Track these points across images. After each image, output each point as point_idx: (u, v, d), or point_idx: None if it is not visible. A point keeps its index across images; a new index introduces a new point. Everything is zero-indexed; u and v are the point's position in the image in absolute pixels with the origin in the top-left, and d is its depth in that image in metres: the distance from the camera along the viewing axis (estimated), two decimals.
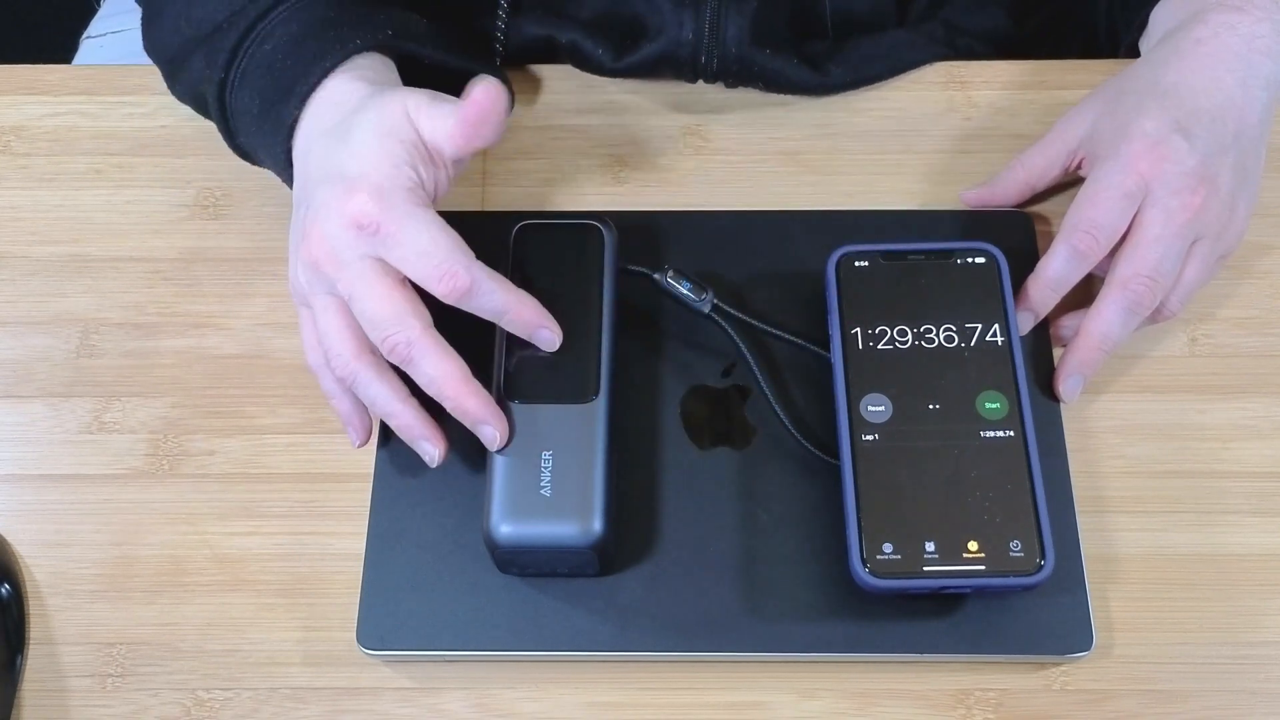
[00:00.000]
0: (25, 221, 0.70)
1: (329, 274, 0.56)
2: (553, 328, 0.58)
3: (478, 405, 0.56)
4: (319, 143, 0.59)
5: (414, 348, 0.55)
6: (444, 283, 0.55)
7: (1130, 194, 0.60)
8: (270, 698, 0.58)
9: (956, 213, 0.67)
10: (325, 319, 0.57)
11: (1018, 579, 0.54)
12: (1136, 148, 0.60)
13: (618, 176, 0.70)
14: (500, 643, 0.57)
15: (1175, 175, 0.60)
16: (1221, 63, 0.62)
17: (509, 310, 0.57)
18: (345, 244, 0.56)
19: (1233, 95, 0.61)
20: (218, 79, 0.63)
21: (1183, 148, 0.60)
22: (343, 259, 0.56)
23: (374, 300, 0.55)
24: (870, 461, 0.56)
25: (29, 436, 0.64)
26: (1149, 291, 0.59)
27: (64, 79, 0.74)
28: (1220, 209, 0.61)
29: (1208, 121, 0.61)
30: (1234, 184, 0.61)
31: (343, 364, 0.57)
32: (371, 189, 0.56)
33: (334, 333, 0.57)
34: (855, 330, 0.59)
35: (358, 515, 0.60)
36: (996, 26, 0.77)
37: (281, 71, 0.61)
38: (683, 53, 0.70)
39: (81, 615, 0.60)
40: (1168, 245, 0.60)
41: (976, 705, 0.57)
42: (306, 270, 0.57)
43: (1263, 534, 0.60)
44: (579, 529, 0.55)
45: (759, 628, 0.56)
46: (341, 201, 0.56)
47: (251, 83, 0.62)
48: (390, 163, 0.57)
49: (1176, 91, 0.61)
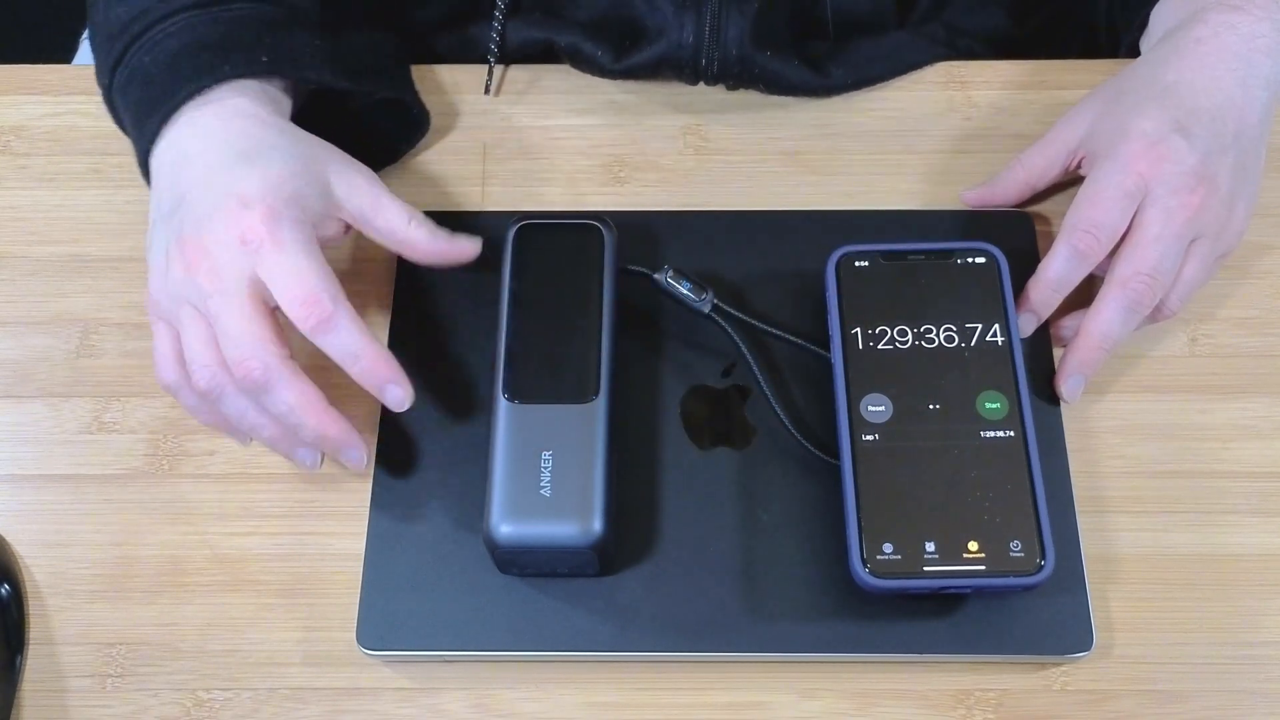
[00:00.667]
0: (25, 221, 0.70)
1: (204, 287, 0.56)
2: (404, 386, 0.57)
3: (339, 431, 0.56)
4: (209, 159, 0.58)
5: (270, 372, 0.55)
6: (307, 306, 0.55)
7: (1130, 193, 0.60)
8: (270, 698, 0.58)
9: (956, 213, 0.67)
10: (192, 330, 0.56)
11: (1018, 579, 0.54)
12: (1135, 147, 0.60)
13: (618, 176, 0.70)
14: (500, 643, 0.57)
15: (1174, 175, 0.60)
16: (1221, 62, 0.62)
17: (362, 357, 0.56)
18: (227, 259, 0.55)
19: (1232, 95, 0.61)
20: (104, 84, 0.63)
21: (1182, 147, 0.60)
22: (221, 274, 0.55)
23: (239, 322, 0.55)
24: (870, 461, 0.56)
25: (29, 436, 0.64)
26: (1149, 290, 0.60)
27: (64, 79, 0.74)
28: (1219, 208, 0.61)
29: (1207, 120, 0.61)
30: (1233, 183, 0.61)
31: (208, 375, 0.56)
32: (266, 210, 0.56)
33: (201, 346, 0.56)
34: (855, 330, 0.59)
35: (358, 515, 0.60)
36: (997, 27, 0.77)
37: (152, 87, 0.60)
38: (683, 54, 0.70)
39: (81, 615, 0.60)
40: (1167, 244, 0.60)
41: (976, 705, 0.57)
42: (178, 283, 0.57)
43: (1263, 534, 0.60)
44: (579, 529, 0.55)
45: (759, 628, 0.56)
46: (233, 217, 0.56)
47: (129, 93, 0.62)
48: (290, 190, 0.57)
49: (1176, 91, 0.61)
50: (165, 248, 0.58)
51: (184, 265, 0.56)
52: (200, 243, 0.56)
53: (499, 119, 0.72)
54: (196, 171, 0.58)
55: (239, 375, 0.55)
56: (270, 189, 0.56)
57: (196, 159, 0.59)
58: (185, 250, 0.56)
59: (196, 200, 0.57)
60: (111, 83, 0.63)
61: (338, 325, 0.55)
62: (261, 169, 0.57)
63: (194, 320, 0.56)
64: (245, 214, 0.56)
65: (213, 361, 0.56)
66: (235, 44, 0.61)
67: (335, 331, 0.55)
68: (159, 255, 0.58)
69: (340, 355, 0.56)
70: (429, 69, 0.74)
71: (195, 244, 0.56)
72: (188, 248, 0.56)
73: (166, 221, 0.58)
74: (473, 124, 0.72)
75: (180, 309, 0.57)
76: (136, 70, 0.61)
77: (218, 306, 0.55)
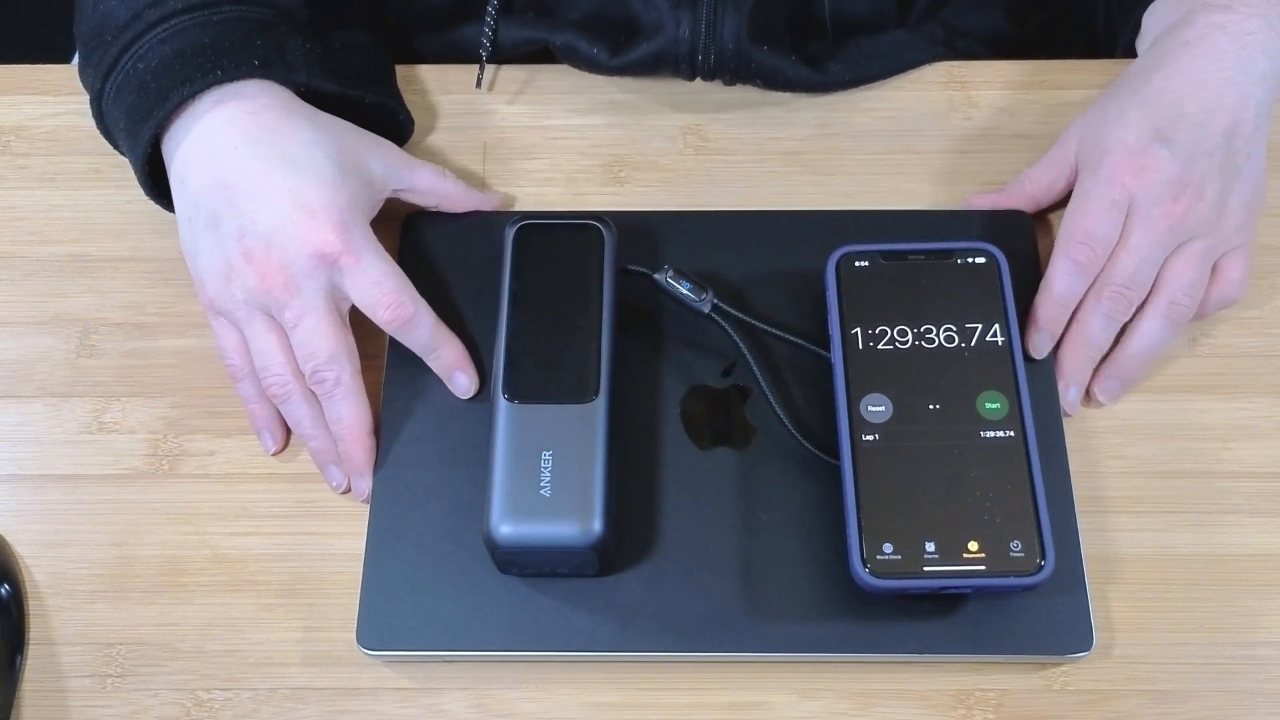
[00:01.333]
0: (25, 221, 0.70)
1: (279, 298, 0.59)
2: (471, 374, 0.61)
3: (363, 458, 0.60)
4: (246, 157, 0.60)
5: (340, 387, 0.59)
6: (390, 310, 0.59)
7: (1116, 203, 0.61)
8: (270, 698, 0.58)
9: (956, 213, 0.67)
10: (264, 339, 0.60)
11: (1018, 579, 0.54)
12: (1118, 159, 0.62)
13: (618, 176, 0.70)
14: (500, 643, 0.57)
15: (1156, 184, 0.61)
16: (1210, 63, 0.62)
17: (438, 347, 0.61)
18: (304, 272, 0.58)
19: (1220, 96, 0.62)
20: (96, 89, 0.64)
21: (1163, 155, 0.61)
22: (298, 286, 0.59)
23: (318, 334, 0.59)
24: (870, 461, 0.56)
25: (29, 436, 0.64)
26: (1122, 300, 0.61)
27: (64, 79, 0.74)
28: (1206, 210, 0.61)
29: (1190, 126, 0.61)
30: (1222, 184, 0.62)
31: (281, 382, 0.60)
32: (336, 221, 0.59)
33: (273, 352, 0.60)
34: (855, 330, 0.59)
35: (358, 515, 0.60)
36: (996, 28, 0.77)
37: (146, 93, 0.61)
38: (680, 50, 0.70)
39: (81, 615, 0.60)
40: (1145, 254, 0.61)
41: (976, 705, 0.57)
42: (251, 292, 0.59)
43: (1263, 534, 0.60)
44: (579, 529, 0.55)
45: (759, 628, 0.56)
46: (304, 230, 0.59)
47: (124, 98, 0.62)
48: (348, 195, 0.60)
49: (1159, 98, 0.62)
50: (226, 256, 0.60)
51: (256, 276, 0.59)
52: (272, 256, 0.59)
53: (499, 119, 0.72)
54: (235, 171, 0.60)
55: (313, 383, 0.59)
56: (331, 196, 0.59)
57: (229, 155, 0.60)
58: (255, 261, 0.59)
59: (252, 209, 0.59)
60: (104, 89, 0.63)
61: (419, 323, 0.60)
62: (313, 173, 0.60)
63: (267, 329, 0.60)
64: (316, 226, 0.59)
65: (285, 369, 0.60)
66: (225, 49, 0.61)
67: (417, 328, 0.60)
68: (217, 262, 0.60)
69: (420, 348, 0.61)
70: (429, 69, 0.74)
71: (266, 257, 0.59)
72: (257, 259, 0.59)
73: (216, 226, 0.60)
74: (472, 124, 0.72)
75: (252, 316, 0.60)
76: (130, 76, 0.62)
77: (295, 317, 0.59)
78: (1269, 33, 0.63)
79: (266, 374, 0.60)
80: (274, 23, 0.63)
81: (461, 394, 0.61)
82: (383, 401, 0.62)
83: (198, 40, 0.61)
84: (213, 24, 0.62)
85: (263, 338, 0.60)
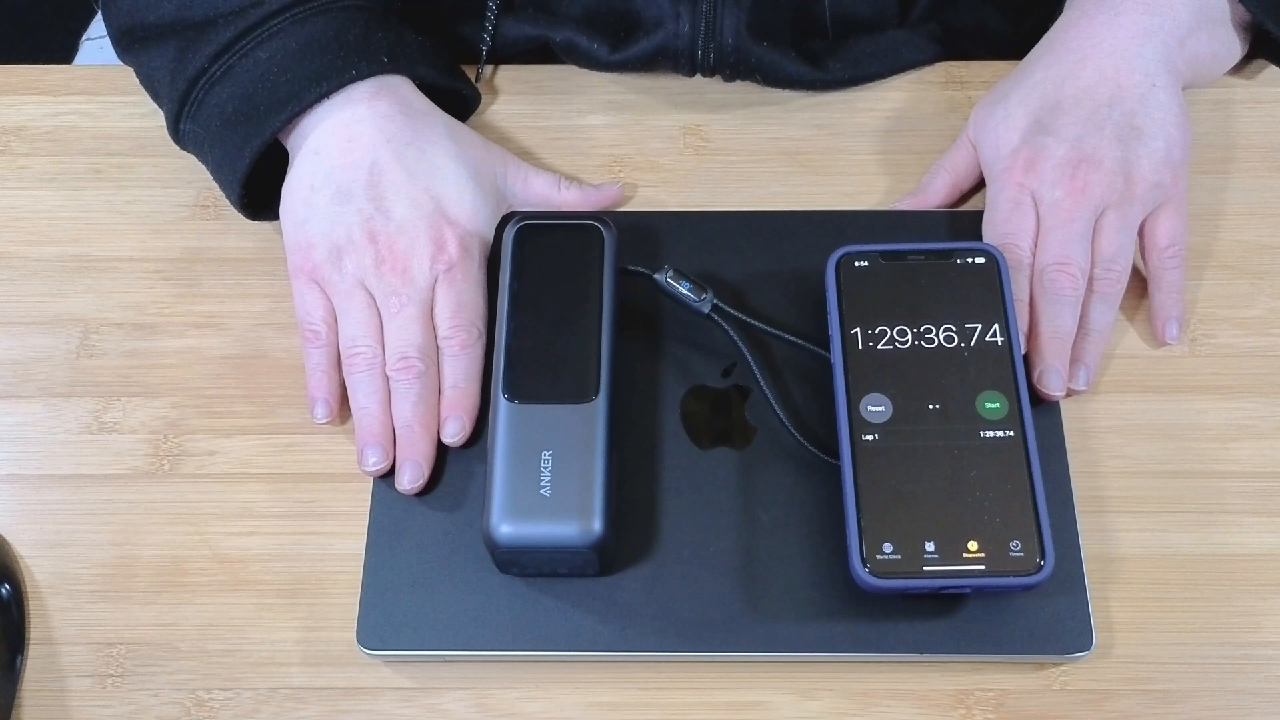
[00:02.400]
0: (25, 221, 0.70)
1: (391, 284, 0.61)
2: (464, 425, 0.61)
3: (427, 447, 0.60)
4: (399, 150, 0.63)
5: (421, 379, 0.61)
6: (456, 330, 0.61)
7: (1018, 201, 0.63)
8: (270, 698, 0.58)
9: (956, 213, 0.67)
10: (361, 313, 0.62)
11: (1018, 579, 0.54)
12: (1007, 163, 0.64)
13: (618, 176, 0.70)
14: (500, 643, 0.57)
15: (1049, 170, 0.63)
16: (1089, 39, 0.65)
17: (458, 387, 0.61)
18: (421, 267, 0.62)
19: (1101, 67, 0.64)
20: (197, 67, 0.64)
21: (1049, 143, 0.63)
22: (412, 277, 0.62)
23: (414, 327, 0.61)
24: (870, 461, 0.56)
25: (29, 436, 0.64)
26: (1063, 275, 0.61)
27: (64, 79, 0.74)
28: (1109, 178, 0.63)
29: (1070, 106, 0.64)
30: (1121, 150, 0.63)
31: (369, 355, 0.61)
32: (463, 237, 0.63)
33: (365, 326, 0.62)
34: (855, 330, 0.59)
35: (358, 515, 0.60)
36: (995, 28, 0.77)
37: (275, 83, 0.63)
38: (680, 45, 0.70)
39: (81, 615, 0.60)
40: (1064, 231, 0.62)
41: (976, 705, 0.57)
42: (364, 269, 0.62)
43: (1263, 534, 0.60)
44: (579, 529, 0.55)
45: (759, 628, 0.56)
46: (435, 233, 0.62)
47: (236, 82, 0.63)
48: (482, 217, 0.64)
49: (1039, 89, 0.65)
50: (348, 231, 0.62)
51: (375, 258, 0.62)
52: (397, 243, 0.62)
53: (499, 119, 0.72)
54: (380, 162, 0.63)
55: (398, 365, 0.61)
56: (468, 216, 0.64)
57: (376, 147, 0.63)
58: (378, 243, 0.62)
59: (391, 197, 0.62)
60: (210, 69, 0.64)
61: (467, 355, 0.62)
62: (458, 189, 0.64)
63: (367, 306, 0.62)
64: (446, 233, 0.62)
65: (376, 347, 0.61)
66: (351, 43, 0.64)
67: (461, 359, 0.61)
68: (335, 233, 0.62)
69: (449, 376, 0.61)
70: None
71: (391, 243, 0.62)
72: (382, 243, 0.62)
73: (346, 200, 0.62)
74: (472, 124, 0.72)
75: (355, 291, 0.62)
76: (250, 63, 0.64)
77: (401, 305, 0.61)
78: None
79: (357, 343, 0.61)
80: (383, 13, 0.66)
81: (449, 439, 0.60)
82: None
83: (323, 32, 0.64)
84: (333, 14, 0.64)
85: (362, 311, 0.62)
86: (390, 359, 0.61)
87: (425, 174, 0.63)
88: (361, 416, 0.61)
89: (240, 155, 0.64)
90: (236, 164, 0.64)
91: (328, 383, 0.62)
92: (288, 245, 0.64)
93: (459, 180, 0.64)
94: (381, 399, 0.61)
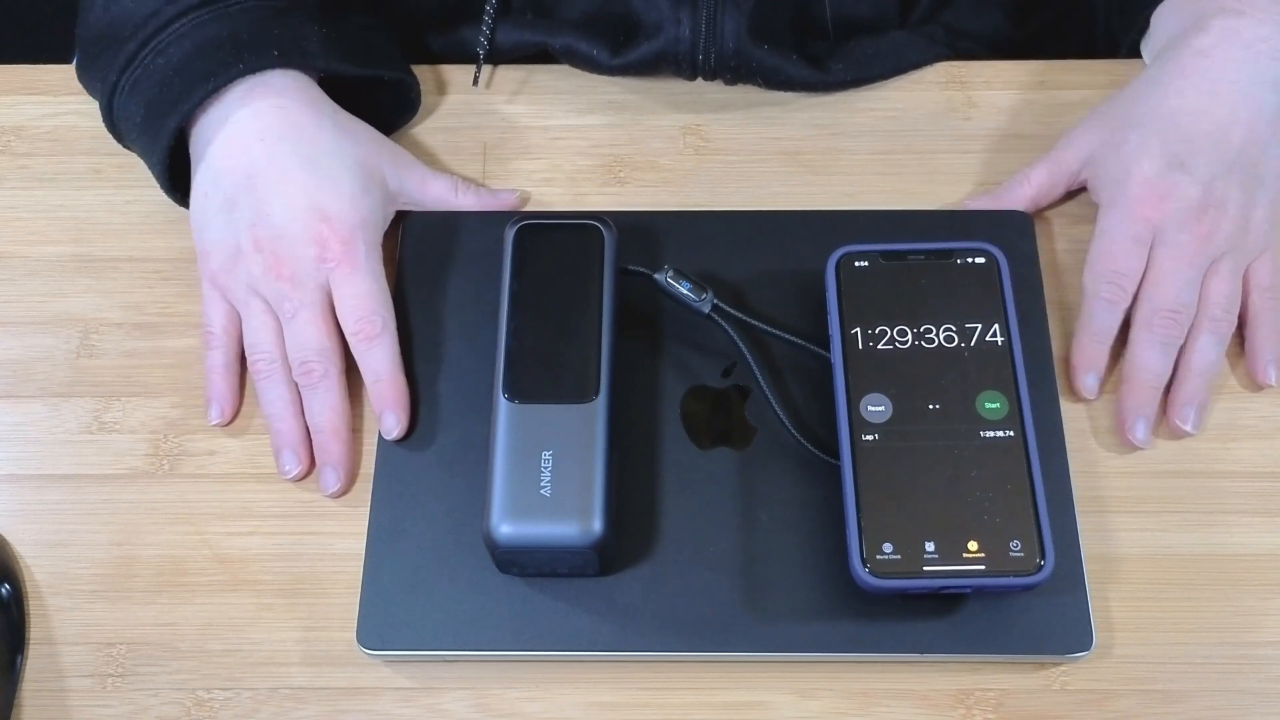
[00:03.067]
0: (25, 221, 0.70)
1: (281, 289, 0.62)
2: (400, 418, 0.61)
3: (340, 451, 0.61)
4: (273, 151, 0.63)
5: (325, 380, 0.61)
6: (360, 324, 0.61)
7: (1140, 238, 0.62)
8: (270, 698, 0.58)
9: (956, 213, 0.67)
10: (260, 320, 0.63)
11: (1018, 579, 0.54)
12: (1138, 193, 0.62)
13: (618, 176, 0.70)
14: (500, 643, 0.57)
15: (1179, 211, 0.61)
16: (1225, 74, 0.63)
17: (382, 379, 0.61)
18: (307, 269, 0.62)
19: (1235, 109, 0.62)
20: (110, 82, 0.65)
21: (1184, 182, 0.62)
22: (300, 281, 0.61)
23: (312, 327, 0.61)
24: (870, 461, 0.56)
25: (29, 436, 0.64)
26: (1174, 324, 0.61)
27: (64, 79, 0.74)
28: (1231, 227, 0.62)
29: (1208, 146, 0.62)
30: (1244, 196, 0.62)
31: (268, 360, 0.62)
32: (344, 232, 0.62)
33: (266, 333, 0.62)
34: (855, 330, 0.59)
35: (358, 515, 0.60)
36: (996, 30, 0.77)
37: (168, 87, 0.63)
38: (681, 49, 0.70)
39: (81, 615, 0.60)
40: (1183, 278, 0.61)
41: (976, 705, 0.57)
42: (255, 278, 0.62)
43: (1263, 534, 0.60)
44: (579, 529, 0.55)
45: (759, 628, 0.56)
46: (313, 232, 0.62)
47: (141, 92, 0.64)
48: (365, 206, 0.63)
49: (1175, 119, 0.63)
50: (236, 240, 0.62)
51: (263, 265, 0.62)
52: (279, 248, 0.62)
53: (499, 119, 0.72)
54: (258, 163, 0.63)
55: (300, 371, 0.61)
56: (346, 209, 0.62)
57: (255, 146, 0.63)
58: (263, 251, 0.62)
59: (270, 201, 0.62)
60: (118, 84, 0.65)
61: (377, 347, 0.62)
62: (334, 183, 0.63)
63: (263, 312, 0.62)
64: (325, 230, 0.62)
65: (275, 352, 0.62)
66: (244, 41, 0.63)
67: (373, 352, 0.62)
68: (226, 243, 0.63)
69: (368, 371, 0.62)
70: (430, 68, 0.74)
71: (274, 248, 0.62)
72: (266, 249, 0.62)
73: (231, 209, 0.63)
74: (473, 124, 0.72)
75: (250, 299, 0.63)
76: (150, 71, 0.64)
77: (294, 309, 0.61)
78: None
79: (256, 350, 0.62)
80: (288, 10, 0.65)
81: (387, 434, 0.61)
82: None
83: (217, 34, 0.63)
84: (230, 16, 0.64)
85: (258, 318, 0.62)
86: (293, 365, 0.62)
87: (299, 169, 0.63)
88: (271, 423, 0.62)
89: (152, 161, 0.65)
90: (156, 169, 0.65)
91: (223, 384, 0.63)
92: (196, 250, 0.65)
93: (335, 173, 0.63)
94: (287, 403, 0.62)
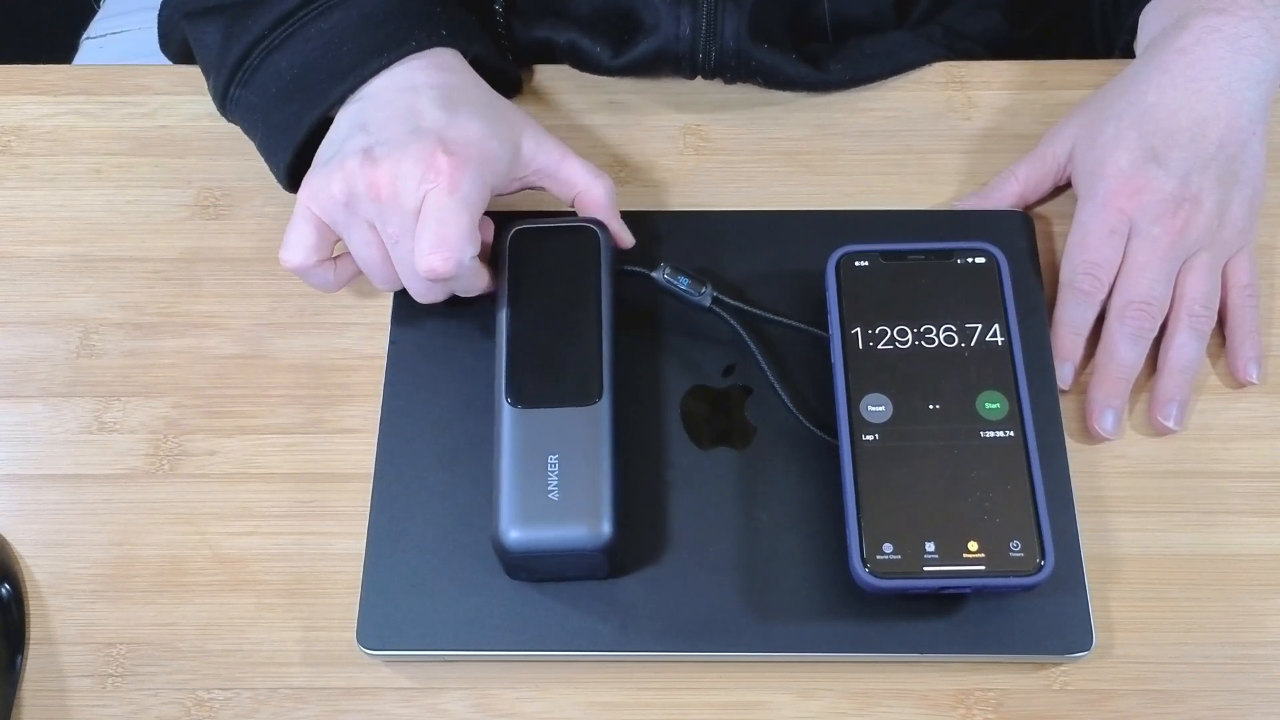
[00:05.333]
0: (25, 221, 0.70)
1: (385, 210, 0.58)
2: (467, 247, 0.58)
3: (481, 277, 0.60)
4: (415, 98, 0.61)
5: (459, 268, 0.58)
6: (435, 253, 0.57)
7: (1115, 229, 0.62)
8: (270, 698, 0.58)
9: (956, 213, 0.67)
10: (368, 251, 0.60)
11: (1018, 579, 0.54)
12: (1113, 185, 0.63)
13: (618, 176, 0.70)
14: (501, 643, 0.57)
15: (1153, 204, 0.62)
16: (1205, 71, 0.63)
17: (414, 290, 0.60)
18: (409, 188, 0.58)
19: (1215, 104, 0.62)
20: (256, 33, 0.64)
21: (1159, 175, 0.62)
22: (401, 200, 0.58)
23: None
24: (870, 461, 0.56)
25: (29, 436, 0.64)
26: (1146, 316, 0.62)
27: (64, 79, 0.74)
28: (1207, 221, 0.62)
29: (1185, 140, 0.62)
30: (1220, 192, 0.62)
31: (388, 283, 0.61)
32: (459, 158, 0.58)
33: (375, 255, 0.60)
34: (855, 330, 0.59)
35: (358, 515, 0.60)
36: (995, 30, 0.77)
37: (337, 53, 0.62)
38: (680, 48, 0.70)
39: (81, 615, 0.60)
40: (1155, 271, 0.62)
41: (976, 705, 0.57)
42: (359, 199, 0.59)
43: (1263, 534, 0.60)
44: (589, 531, 0.55)
45: (759, 628, 0.56)
46: (428, 152, 0.58)
47: (297, 50, 0.63)
48: (485, 153, 0.60)
49: (1154, 113, 0.63)
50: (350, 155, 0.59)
51: (368, 183, 0.58)
52: (390, 167, 0.58)
53: None
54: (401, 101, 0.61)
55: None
56: (470, 141, 0.59)
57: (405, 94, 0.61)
58: (375, 169, 0.58)
59: (394, 127, 0.60)
60: (269, 37, 0.64)
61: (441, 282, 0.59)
62: (465, 119, 0.60)
63: (368, 233, 0.60)
64: (439, 153, 0.58)
65: (389, 274, 0.61)
66: (412, 15, 0.63)
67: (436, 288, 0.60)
68: (348, 155, 0.59)
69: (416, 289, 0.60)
70: None
71: (386, 167, 0.58)
72: (379, 167, 0.58)
73: (352, 134, 0.60)
74: None
75: (355, 222, 0.59)
76: (311, 34, 0.63)
77: (397, 232, 0.58)
78: (1264, 35, 0.63)
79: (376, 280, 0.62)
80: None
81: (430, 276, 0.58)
82: (383, 401, 0.62)
83: (383, 5, 0.63)
84: None
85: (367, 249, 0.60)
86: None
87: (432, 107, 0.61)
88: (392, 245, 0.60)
89: (298, 123, 0.63)
90: (294, 130, 0.63)
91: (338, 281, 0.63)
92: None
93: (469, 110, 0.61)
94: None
